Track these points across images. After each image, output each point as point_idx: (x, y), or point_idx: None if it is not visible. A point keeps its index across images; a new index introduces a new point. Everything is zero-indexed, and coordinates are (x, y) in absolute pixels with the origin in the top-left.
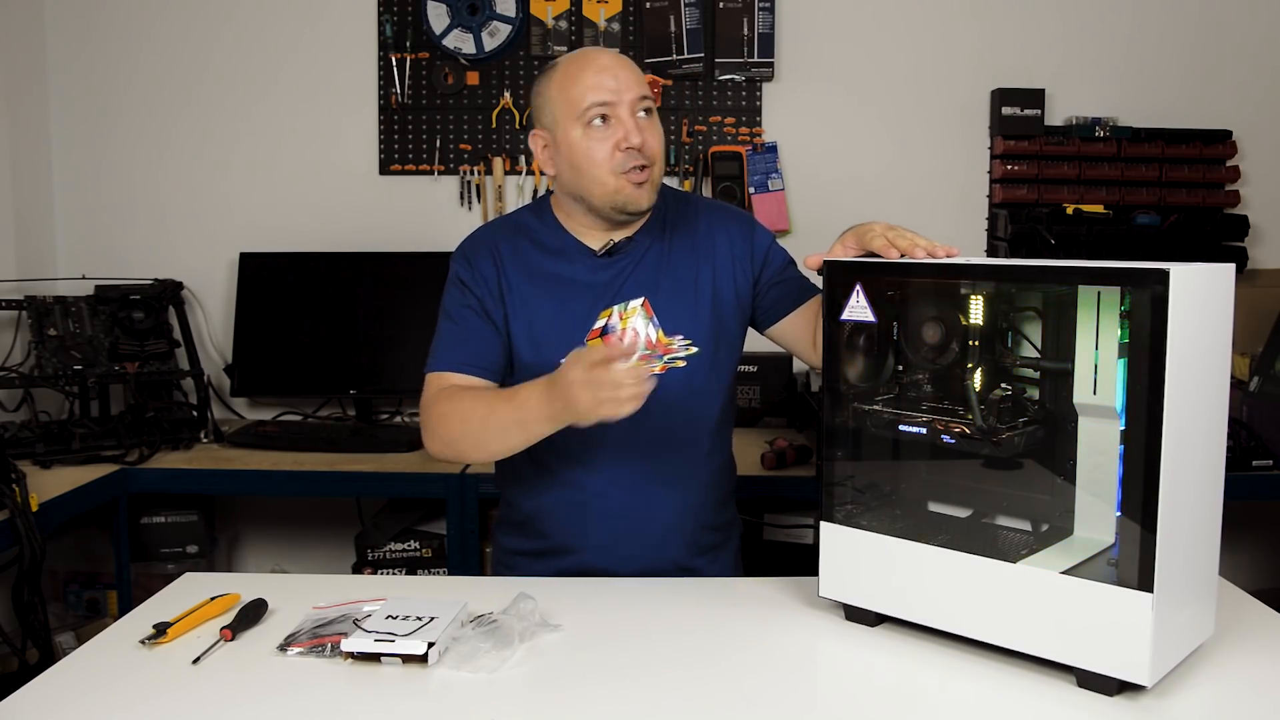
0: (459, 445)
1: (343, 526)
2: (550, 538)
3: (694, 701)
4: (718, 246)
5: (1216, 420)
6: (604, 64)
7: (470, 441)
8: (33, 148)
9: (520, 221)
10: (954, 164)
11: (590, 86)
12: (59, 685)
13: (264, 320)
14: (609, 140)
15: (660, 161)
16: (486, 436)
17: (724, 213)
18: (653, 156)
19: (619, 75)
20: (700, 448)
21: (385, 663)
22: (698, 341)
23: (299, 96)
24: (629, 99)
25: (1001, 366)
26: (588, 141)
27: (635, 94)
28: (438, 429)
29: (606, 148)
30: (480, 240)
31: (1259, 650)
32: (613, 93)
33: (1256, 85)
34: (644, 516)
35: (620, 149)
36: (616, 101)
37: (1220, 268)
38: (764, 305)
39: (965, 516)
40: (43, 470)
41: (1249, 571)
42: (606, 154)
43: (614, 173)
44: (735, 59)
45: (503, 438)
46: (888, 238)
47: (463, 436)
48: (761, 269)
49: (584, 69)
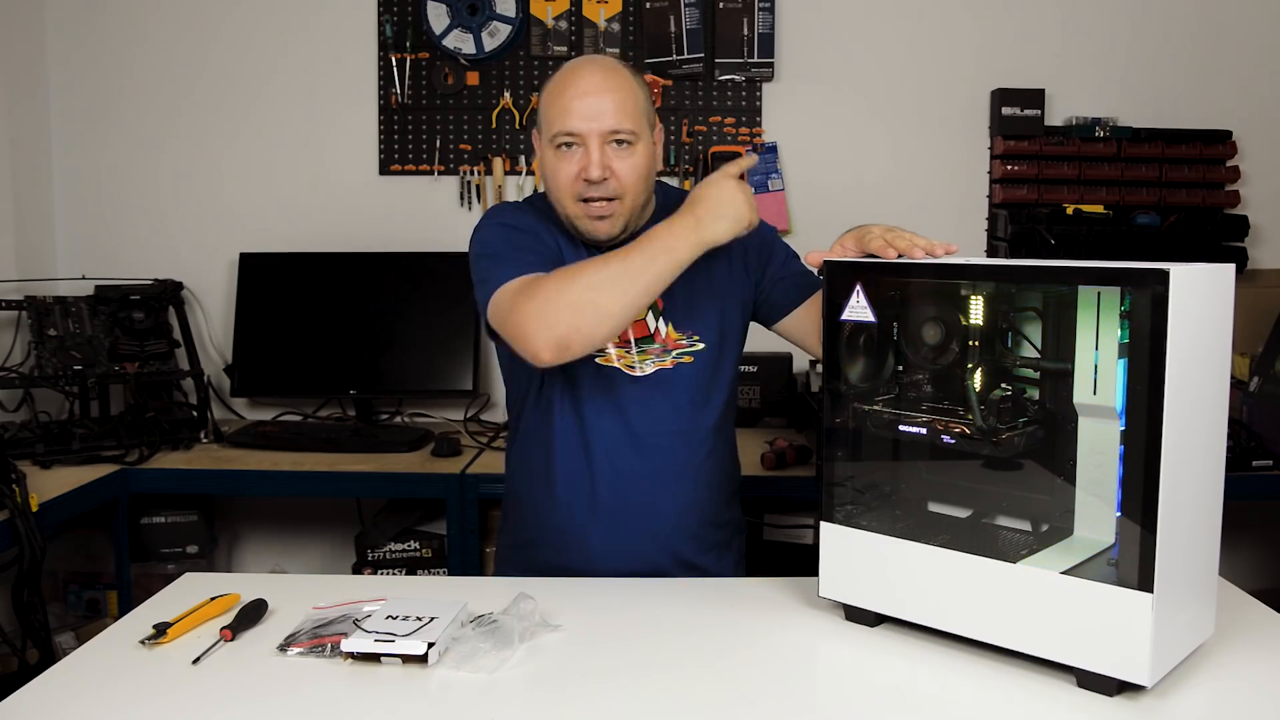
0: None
1: (343, 526)
2: (556, 538)
3: (694, 701)
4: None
5: (1216, 420)
6: (585, 88)
7: (608, 294)
8: (33, 148)
9: (539, 210)
10: (954, 164)
11: (562, 110)
12: (59, 685)
13: (264, 320)
14: (574, 166)
15: (632, 192)
16: (624, 282)
17: None
18: (621, 189)
19: (594, 104)
20: (704, 444)
21: (385, 663)
22: (704, 337)
23: (299, 96)
24: (599, 130)
25: (1001, 366)
26: (555, 162)
27: (609, 126)
28: (559, 300)
29: (571, 172)
30: (508, 209)
31: (1259, 650)
32: (585, 120)
33: (1256, 85)
34: (649, 513)
35: (581, 178)
36: (585, 132)
37: (1220, 268)
38: (770, 301)
39: (965, 517)
40: (43, 470)
41: (1249, 571)
42: (569, 179)
43: (573, 198)
44: (735, 59)
45: (644, 273)
46: (885, 239)
47: (597, 291)
48: (766, 265)
49: (565, 89)
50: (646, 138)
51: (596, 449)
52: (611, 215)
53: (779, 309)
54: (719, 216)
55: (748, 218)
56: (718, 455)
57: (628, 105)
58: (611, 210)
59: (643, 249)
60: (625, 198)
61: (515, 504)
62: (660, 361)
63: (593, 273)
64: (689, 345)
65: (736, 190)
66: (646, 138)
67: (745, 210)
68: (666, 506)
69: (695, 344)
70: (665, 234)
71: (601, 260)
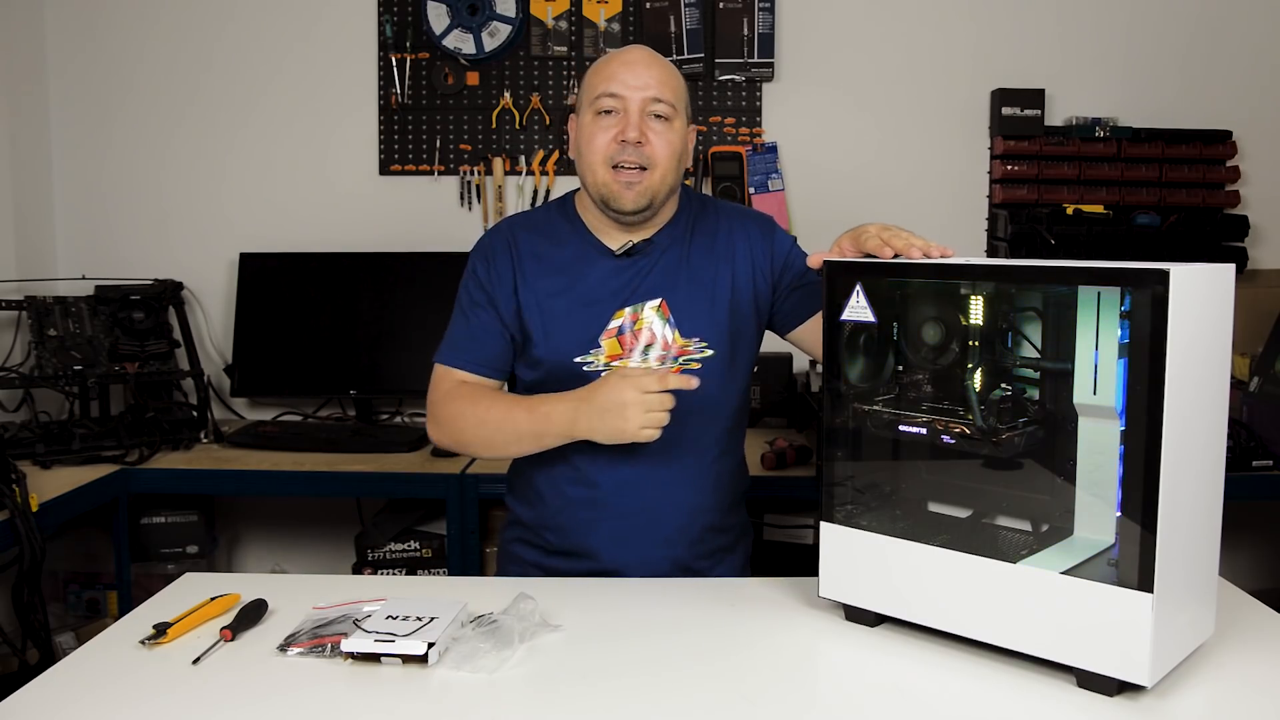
0: (468, 443)
1: (343, 526)
2: (561, 537)
3: (694, 701)
4: (737, 249)
5: (1216, 420)
6: (631, 59)
7: (480, 443)
8: (33, 148)
9: (542, 218)
10: (954, 164)
11: (607, 76)
12: (59, 685)
13: (264, 320)
14: (611, 130)
15: (663, 167)
16: (497, 441)
17: (744, 216)
18: (653, 160)
19: (641, 73)
20: (712, 450)
21: (385, 663)
22: (714, 344)
23: (299, 96)
24: (640, 97)
25: (1001, 366)
26: (593, 127)
27: (650, 94)
28: (448, 425)
29: (607, 137)
30: (501, 235)
31: (1259, 650)
32: (626, 86)
33: (1256, 85)
34: (654, 517)
35: (617, 140)
36: (627, 96)
37: (1220, 268)
38: (785, 309)
39: (965, 517)
40: (43, 470)
41: (1249, 571)
42: (605, 143)
43: (605, 163)
44: (735, 59)
45: (514, 444)
46: (881, 237)
47: (474, 437)
48: (782, 273)
49: (612, 60)
50: (682, 123)
51: (604, 455)
52: (640, 184)
53: (793, 318)
54: (599, 423)
55: (627, 434)
56: (725, 460)
57: (670, 82)
58: (641, 179)
59: (526, 417)
60: (656, 169)
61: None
62: (668, 367)
63: (482, 414)
64: (696, 352)
65: (630, 404)
66: (682, 123)
67: (627, 427)
68: (672, 511)
69: (704, 350)
70: (545, 416)
71: (493, 406)
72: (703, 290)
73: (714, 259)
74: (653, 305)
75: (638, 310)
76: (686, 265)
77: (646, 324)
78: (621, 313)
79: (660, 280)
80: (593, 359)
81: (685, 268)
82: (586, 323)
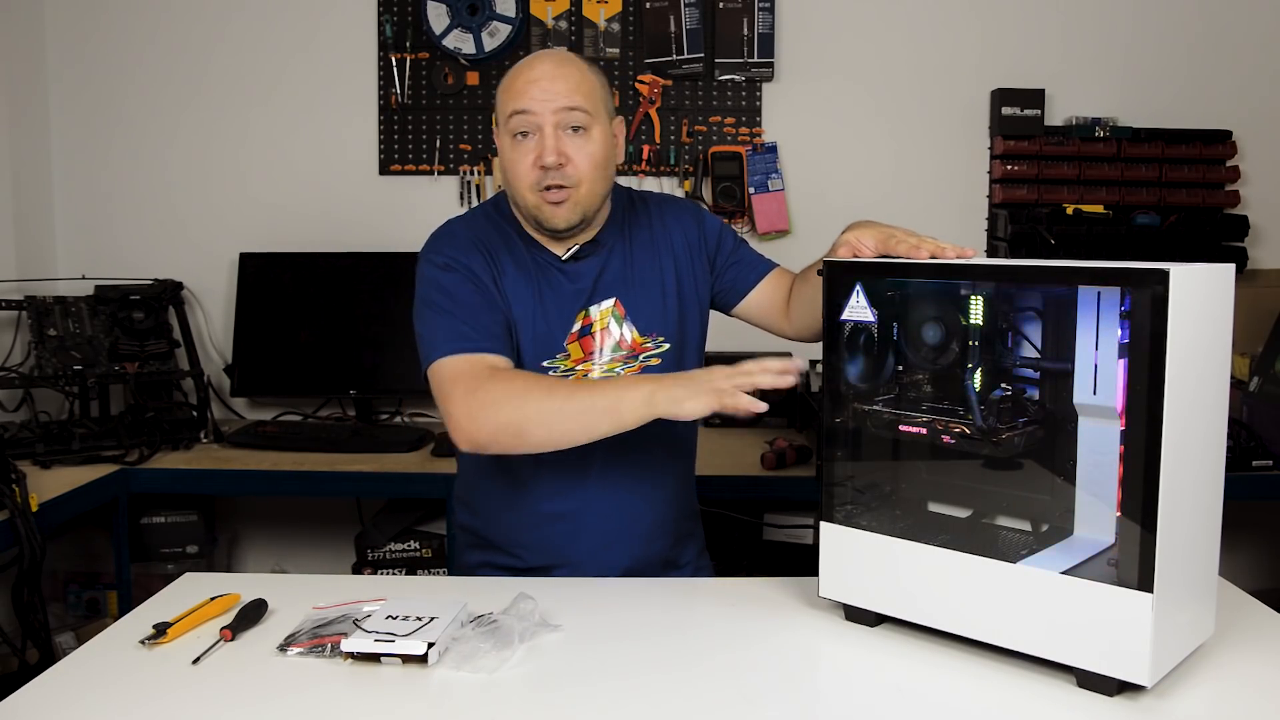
0: (525, 429)
1: (343, 526)
2: (536, 553)
3: (694, 701)
4: (674, 239)
5: (1216, 420)
6: (535, 74)
7: (542, 426)
8: (33, 148)
9: (488, 223)
10: (954, 164)
11: (516, 93)
12: (59, 685)
13: (264, 320)
14: (529, 155)
15: (589, 181)
16: (564, 420)
17: (674, 205)
18: (576, 177)
19: (547, 86)
20: (677, 442)
21: (385, 663)
22: (668, 336)
23: (299, 96)
24: (552, 110)
25: (1001, 366)
26: (512, 154)
27: (561, 104)
28: (492, 412)
29: (526, 163)
30: (460, 235)
31: (1259, 650)
32: (535, 101)
33: (1256, 85)
34: (632, 516)
35: (537, 166)
36: (539, 112)
37: (1220, 268)
38: (723, 286)
39: (965, 517)
40: (43, 470)
41: (1249, 571)
42: (526, 169)
43: (532, 189)
44: (735, 59)
45: (586, 424)
46: (911, 241)
47: (533, 420)
48: (715, 253)
49: (517, 76)
50: (603, 125)
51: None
52: (568, 201)
53: (733, 293)
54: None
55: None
56: (686, 447)
57: (582, 86)
58: (567, 196)
59: (593, 396)
60: (581, 185)
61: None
62: (628, 367)
63: (537, 400)
64: (655, 348)
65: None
66: (603, 125)
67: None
68: (648, 508)
69: (661, 345)
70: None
71: (548, 388)
72: (653, 285)
73: (656, 252)
74: (607, 305)
75: (594, 313)
76: (632, 261)
77: (604, 325)
78: (580, 316)
79: (611, 279)
80: (559, 364)
81: (631, 264)
82: (550, 328)
